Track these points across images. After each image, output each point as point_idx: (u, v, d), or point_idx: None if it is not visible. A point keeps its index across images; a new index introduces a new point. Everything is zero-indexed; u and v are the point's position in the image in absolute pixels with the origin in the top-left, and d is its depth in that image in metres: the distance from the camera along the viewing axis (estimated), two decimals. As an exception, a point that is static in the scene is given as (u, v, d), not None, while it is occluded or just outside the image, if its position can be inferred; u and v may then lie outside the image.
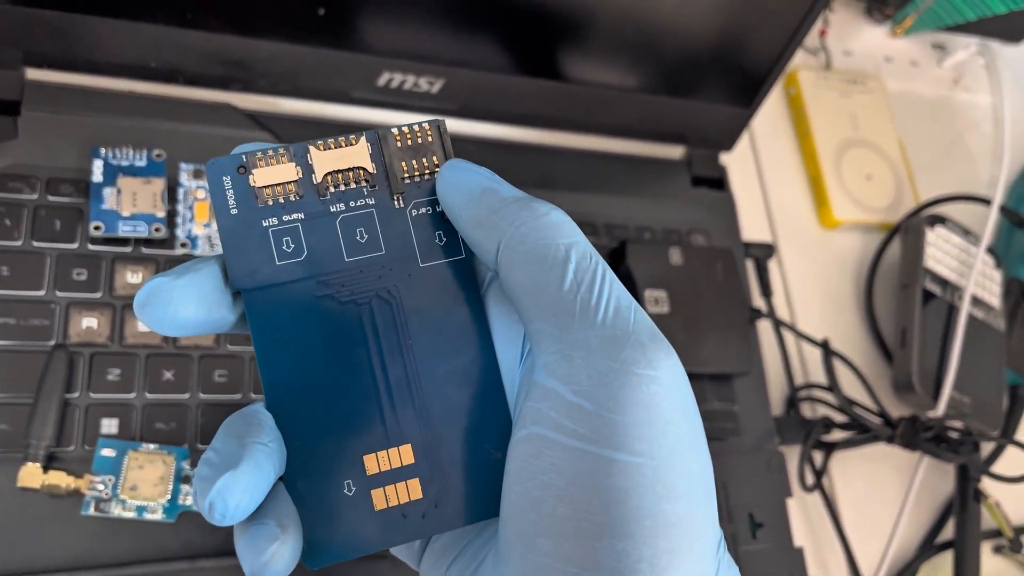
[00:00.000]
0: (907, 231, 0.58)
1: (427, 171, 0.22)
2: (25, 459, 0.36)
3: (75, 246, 0.40)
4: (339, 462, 0.21)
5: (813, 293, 0.58)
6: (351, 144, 0.22)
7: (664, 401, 0.19)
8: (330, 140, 0.22)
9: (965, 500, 0.52)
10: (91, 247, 0.40)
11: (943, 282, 0.56)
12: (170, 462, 0.38)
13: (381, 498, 0.22)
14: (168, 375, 0.40)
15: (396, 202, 0.22)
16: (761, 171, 0.60)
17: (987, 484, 0.53)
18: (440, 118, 0.23)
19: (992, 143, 0.70)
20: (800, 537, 0.49)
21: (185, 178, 0.42)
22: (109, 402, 0.38)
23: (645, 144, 0.55)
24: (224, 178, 0.21)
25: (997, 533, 0.54)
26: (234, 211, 0.21)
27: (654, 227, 0.53)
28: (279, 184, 0.22)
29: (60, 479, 0.36)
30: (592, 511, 0.19)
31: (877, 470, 0.54)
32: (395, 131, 0.22)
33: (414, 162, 0.22)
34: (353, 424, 0.22)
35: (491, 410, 0.22)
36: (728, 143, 0.56)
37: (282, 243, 0.21)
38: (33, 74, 0.42)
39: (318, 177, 0.22)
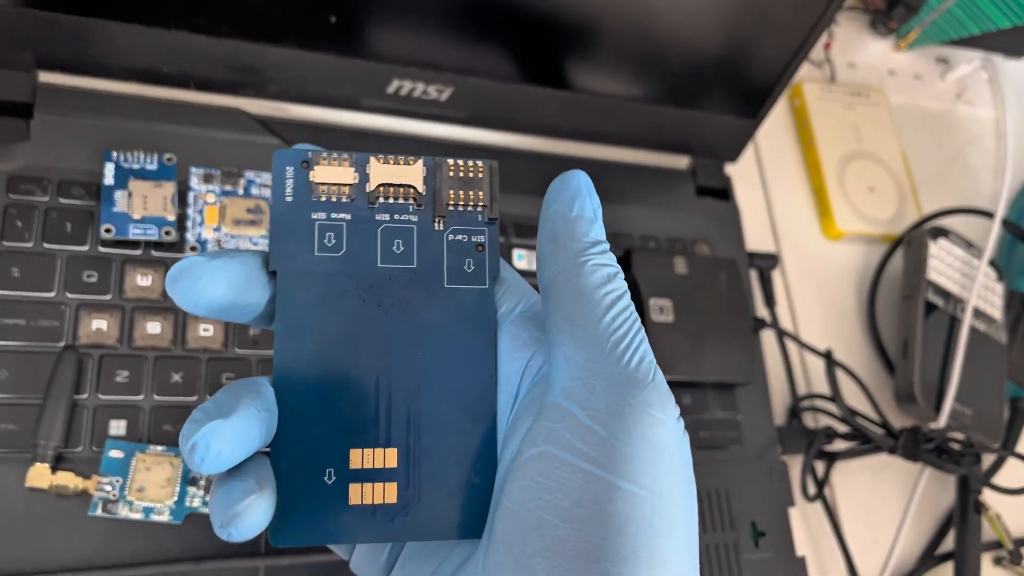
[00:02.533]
0: (910, 243, 0.58)
1: (471, 203, 0.24)
2: (34, 459, 0.36)
3: (86, 248, 0.40)
4: (326, 450, 0.22)
5: (816, 303, 0.58)
6: (408, 164, 0.24)
7: (669, 444, 0.20)
8: (390, 156, 0.24)
9: (966, 511, 0.52)
10: (101, 249, 0.41)
11: (945, 294, 0.56)
12: (177, 464, 0.38)
13: (357, 493, 0.23)
14: (176, 377, 0.40)
15: (436, 224, 0.24)
16: (765, 182, 0.61)
17: (988, 496, 0.53)
18: (494, 162, 0.24)
19: (994, 157, 0.71)
20: (802, 546, 0.49)
21: (195, 182, 0.43)
22: (117, 404, 0.39)
23: (651, 154, 0.55)
24: (288, 167, 0.23)
25: (997, 545, 0.54)
26: (289, 199, 0.23)
27: (659, 236, 0.53)
28: (335, 184, 0.23)
29: (68, 480, 0.36)
30: (593, 534, 0.19)
31: (879, 480, 0.54)
32: (450, 162, 0.24)
33: (461, 192, 0.24)
34: (348, 417, 0.23)
35: (480, 436, 0.23)
36: (733, 154, 0.56)
37: (325, 237, 0.23)
38: (46, 77, 0.42)
39: (371, 186, 0.23)
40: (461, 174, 0.24)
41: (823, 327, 0.57)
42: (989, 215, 0.61)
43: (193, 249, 0.42)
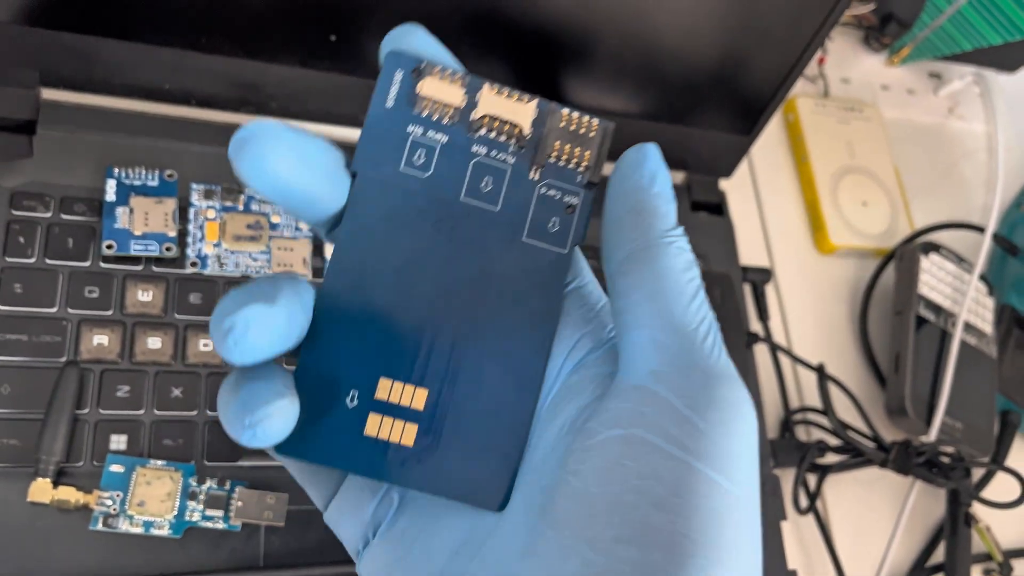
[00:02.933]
0: (902, 258, 0.59)
1: (574, 161, 0.22)
2: (35, 474, 0.37)
3: (87, 264, 0.41)
4: (356, 370, 0.21)
5: (809, 317, 0.59)
6: (521, 101, 0.22)
7: (756, 444, 0.20)
8: (505, 88, 0.22)
9: (956, 524, 0.53)
10: (103, 265, 0.41)
11: (937, 308, 0.57)
12: (177, 478, 0.39)
13: (375, 425, 0.21)
14: (177, 392, 0.40)
15: (532, 173, 0.22)
16: (759, 196, 0.61)
17: (978, 509, 0.54)
18: (611, 123, 0.23)
19: (986, 171, 0.71)
20: (793, 559, 0.50)
21: (196, 198, 0.43)
22: (118, 418, 0.39)
23: (646, 169, 0.56)
24: (397, 72, 0.22)
25: (987, 557, 0.55)
26: (389, 104, 0.22)
27: (654, 251, 0.53)
28: (441, 102, 0.22)
29: (69, 494, 0.37)
30: (691, 527, 0.18)
31: (870, 493, 0.55)
32: (565, 111, 0.22)
33: (568, 146, 0.22)
34: (387, 344, 0.21)
35: (519, 405, 0.22)
36: (727, 169, 0.57)
37: (415, 153, 0.22)
38: (49, 94, 0.43)
39: (477, 114, 0.22)
40: (573, 127, 0.22)
41: (816, 340, 0.58)
42: (980, 230, 0.62)
43: (193, 265, 0.42)
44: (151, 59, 0.42)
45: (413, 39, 0.22)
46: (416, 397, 0.22)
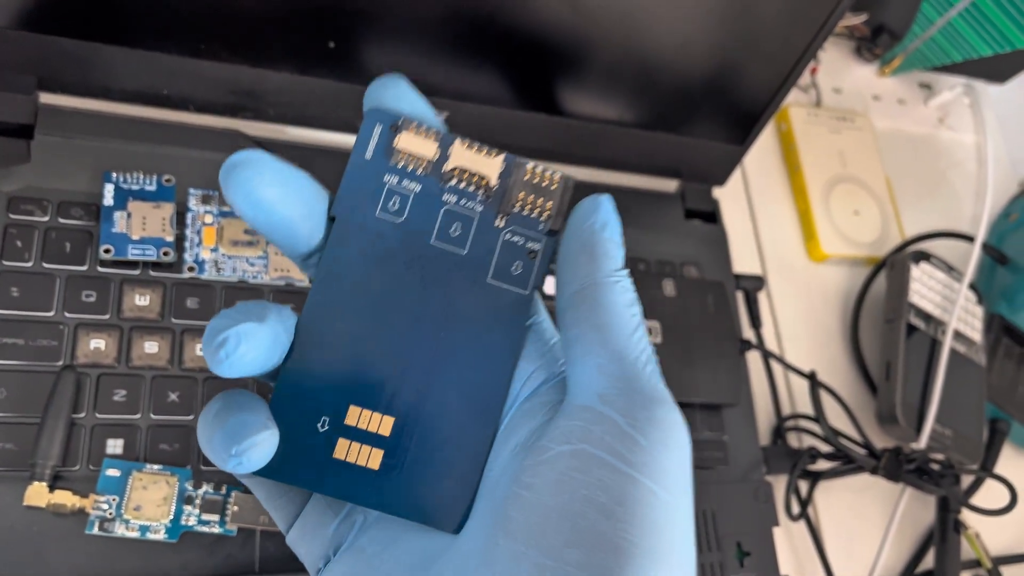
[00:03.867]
0: (892, 266, 0.59)
1: (537, 210, 0.24)
2: (32, 478, 0.37)
3: (84, 268, 0.41)
4: (328, 397, 0.23)
5: (801, 325, 0.59)
6: (490, 156, 0.24)
7: (689, 459, 0.22)
8: (475, 144, 0.24)
9: (945, 531, 0.54)
10: (100, 269, 0.41)
11: (927, 317, 0.58)
12: (173, 483, 0.39)
13: (343, 449, 0.23)
14: (173, 397, 0.40)
15: (499, 220, 0.24)
16: (752, 205, 0.62)
17: (967, 515, 0.54)
18: (572, 177, 0.25)
19: (976, 181, 0.72)
20: (785, 565, 0.50)
21: (194, 203, 0.43)
22: (115, 423, 0.39)
23: (641, 177, 0.56)
24: (376, 126, 0.24)
25: (976, 563, 0.55)
26: (368, 156, 0.24)
27: (648, 258, 0.54)
28: (415, 155, 0.24)
29: (65, 498, 0.37)
30: (633, 533, 0.20)
31: (861, 500, 0.55)
32: (529, 166, 0.24)
33: (531, 197, 0.24)
34: (358, 374, 0.23)
35: (478, 435, 0.24)
36: (721, 178, 0.57)
37: (390, 200, 0.24)
38: (47, 99, 0.43)
39: (448, 166, 0.24)
40: (536, 180, 0.24)
41: (807, 348, 0.59)
42: (970, 239, 0.63)
43: (191, 269, 0.43)
44: (149, 65, 0.42)
45: (396, 90, 0.24)
46: (383, 424, 0.23)
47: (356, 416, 0.23)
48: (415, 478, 0.23)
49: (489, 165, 0.24)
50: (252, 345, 0.20)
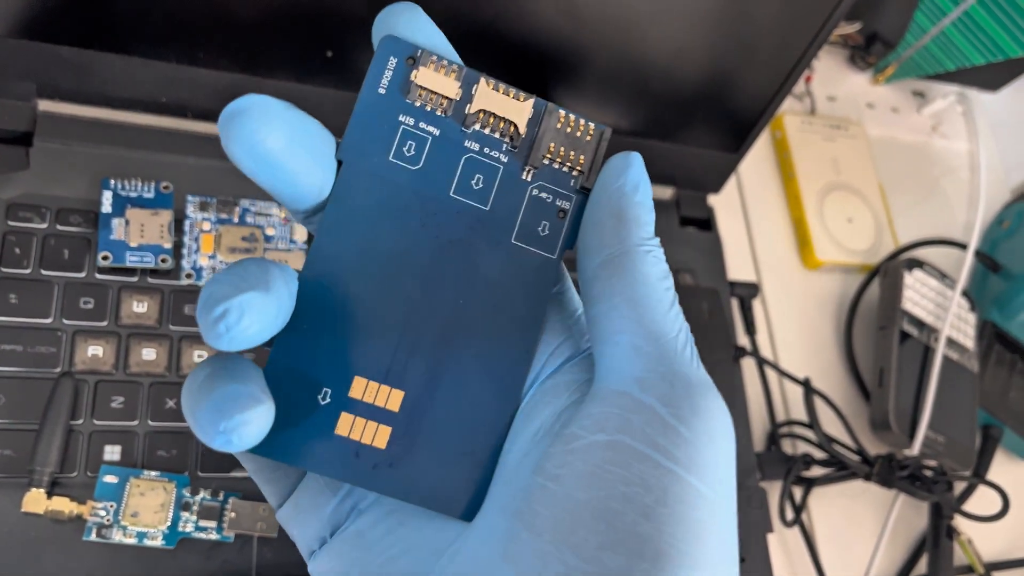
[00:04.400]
0: (886, 274, 0.60)
1: (568, 164, 0.22)
2: (30, 484, 0.37)
3: (83, 275, 0.41)
4: (331, 367, 0.20)
5: (795, 332, 0.60)
6: (518, 100, 0.22)
7: (734, 452, 0.20)
8: (502, 85, 0.22)
9: (938, 537, 0.54)
10: (98, 276, 0.41)
11: (920, 324, 0.58)
12: (171, 489, 0.39)
13: (347, 425, 0.20)
14: (171, 403, 0.41)
15: (525, 173, 0.22)
16: (747, 212, 0.62)
17: (959, 521, 0.55)
18: (608, 127, 0.22)
19: (968, 188, 0.73)
20: (779, 571, 0.50)
21: (191, 210, 0.44)
22: (112, 429, 0.39)
23: (636, 184, 0.57)
24: (391, 58, 0.21)
25: (969, 569, 0.55)
26: (381, 91, 0.21)
27: (643, 265, 0.54)
28: (435, 92, 0.21)
29: (63, 505, 0.37)
30: (678, 538, 0.18)
31: (854, 506, 0.55)
32: (562, 113, 0.22)
33: (563, 149, 0.22)
34: (365, 342, 0.21)
35: (498, 413, 0.21)
36: (716, 186, 0.58)
37: (405, 144, 0.21)
38: (46, 106, 0.43)
39: (472, 108, 0.21)
40: (569, 129, 0.22)
41: (801, 355, 0.59)
42: (963, 246, 0.63)
43: (188, 276, 0.43)
44: (148, 73, 0.43)
45: (411, 18, 0.21)
46: (392, 398, 0.21)
47: (362, 388, 0.21)
48: (425, 459, 0.21)
49: (517, 109, 0.21)
50: (256, 317, 0.18)
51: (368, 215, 0.21)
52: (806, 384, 0.54)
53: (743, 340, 0.57)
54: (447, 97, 0.21)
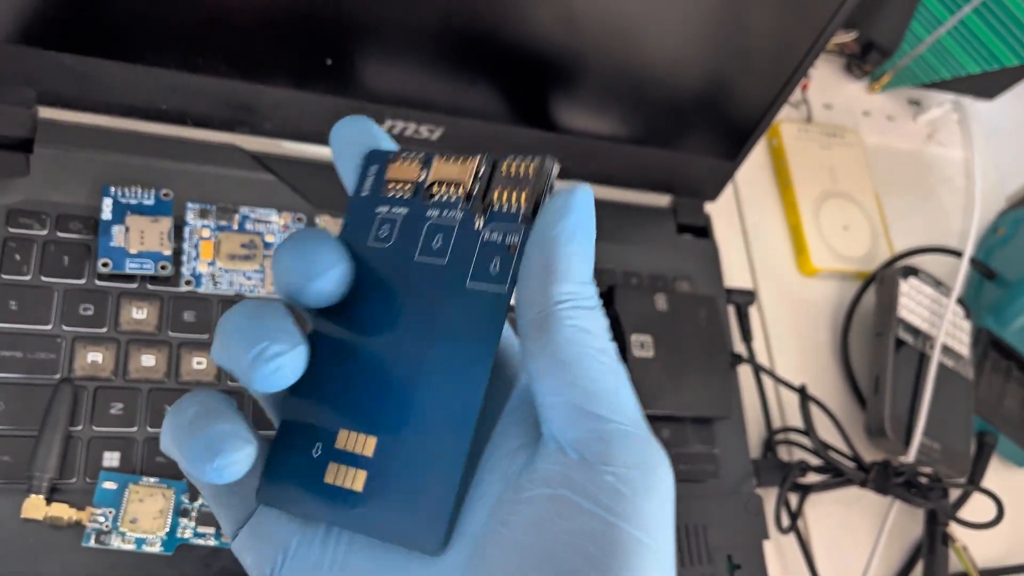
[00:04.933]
0: (882, 281, 0.60)
1: (513, 206, 0.23)
2: (29, 491, 0.37)
3: (82, 282, 0.41)
4: (323, 423, 0.24)
5: (791, 339, 0.60)
6: (463, 162, 0.24)
7: (672, 500, 0.21)
8: (452, 155, 0.24)
9: (933, 544, 0.54)
10: (98, 283, 0.41)
11: (915, 331, 0.58)
12: (169, 496, 0.39)
13: (332, 473, 0.23)
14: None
15: (477, 223, 0.23)
16: (744, 219, 0.63)
17: (955, 528, 0.55)
18: (552, 159, 0.23)
19: (964, 196, 0.73)
20: (775, 577, 0.51)
21: (191, 217, 0.44)
22: (111, 435, 0.39)
23: (634, 192, 0.57)
24: (373, 166, 0.25)
25: (964, 576, 0.56)
26: (365, 194, 0.25)
27: (641, 272, 0.55)
28: (402, 181, 0.25)
29: (62, 511, 0.37)
30: None
31: (850, 513, 0.56)
32: (506, 161, 0.23)
33: (507, 191, 0.23)
34: (349, 398, 0.24)
35: (450, 448, 0.22)
36: (713, 193, 0.58)
37: (381, 228, 0.25)
38: (46, 112, 0.43)
39: (429, 181, 0.24)
40: (513, 172, 0.23)
41: (798, 361, 0.59)
42: (958, 254, 0.64)
43: (188, 283, 0.43)
44: (148, 80, 0.43)
45: (365, 126, 0.25)
46: (367, 445, 0.23)
47: (345, 439, 0.23)
48: (394, 499, 0.22)
49: (462, 170, 0.24)
50: (297, 369, 0.22)
51: (354, 292, 0.24)
52: (802, 391, 0.54)
53: (739, 347, 0.57)
54: (411, 181, 0.25)
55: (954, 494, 0.58)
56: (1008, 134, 0.76)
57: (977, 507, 0.57)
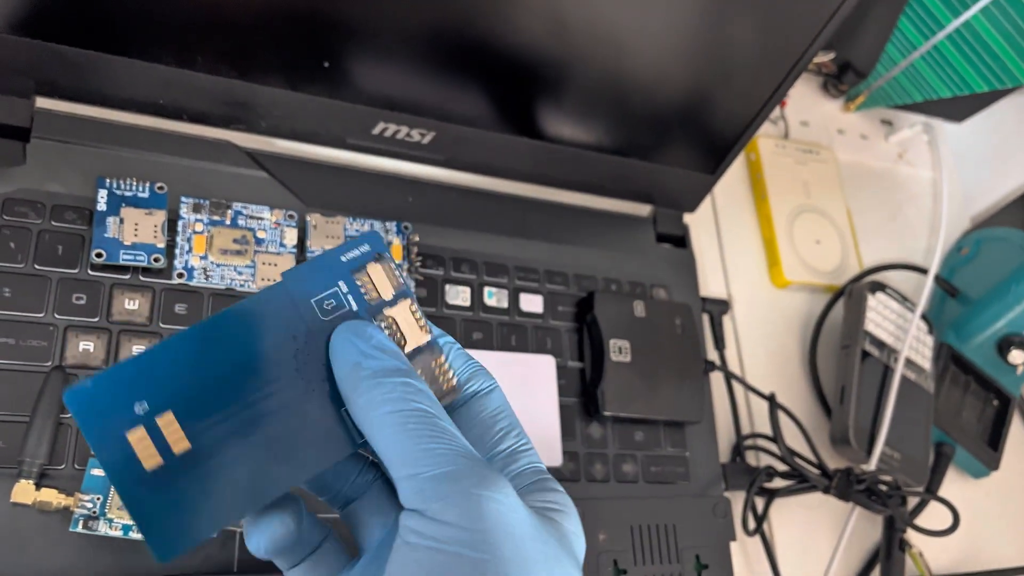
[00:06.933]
0: (850, 295, 0.62)
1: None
2: (19, 476, 0.37)
3: (76, 271, 0.42)
4: (161, 391, 0.26)
5: (762, 348, 0.62)
6: (422, 329, 0.29)
7: (507, 515, 0.25)
8: (421, 313, 0.29)
9: (891, 549, 0.57)
10: (91, 273, 0.42)
11: (881, 344, 0.61)
12: (157, 484, 0.40)
13: (135, 436, 0.25)
14: (159, 400, 0.41)
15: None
16: (720, 230, 0.64)
17: (911, 534, 0.57)
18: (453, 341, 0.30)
19: (930, 215, 0.76)
20: (740, 578, 0.53)
21: (185, 211, 0.45)
22: (101, 423, 0.40)
23: (615, 201, 0.59)
24: (364, 245, 0.29)
25: (918, 580, 0.58)
26: (343, 259, 0.28)
27: (620, 279, 0.56)
28: (374, 285, 0.28)
29: (51, 496, 0.38)
30: None
31: (813, 517, 0.58)
32: (440, 356, 0.29)
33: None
34: (195, 393, 0.26)
35: (241, 497, 0.26)
36: (692, 205, 0.60)
37: (328, 300, 0.28)
38: (43, 103, 0.44)
39: (387, 312, 0.29)
40: (437, 367, 0.29)
41: (767, 370, 0.61)
42: (923, 271, 0.66)
43: (180, 276, 0.44)
44: (147, 75, 0.43)
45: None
46: (180, 442, 0.26)
47: (167, 421, 0.25)
48: (172, 498, 0.25)
49: (417, 334, 0.28)
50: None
51: (263, 319, 0.27)
52: (771, 399, 0.56)
53: (713, 355, 0.59)
54: (379, 293, 0.28)
55: (912, 502, 0.60)
56: (975, 156, 0.79)
57: (933, 515, 0.59)
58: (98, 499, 0.38)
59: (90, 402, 0.25)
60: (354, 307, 0.27)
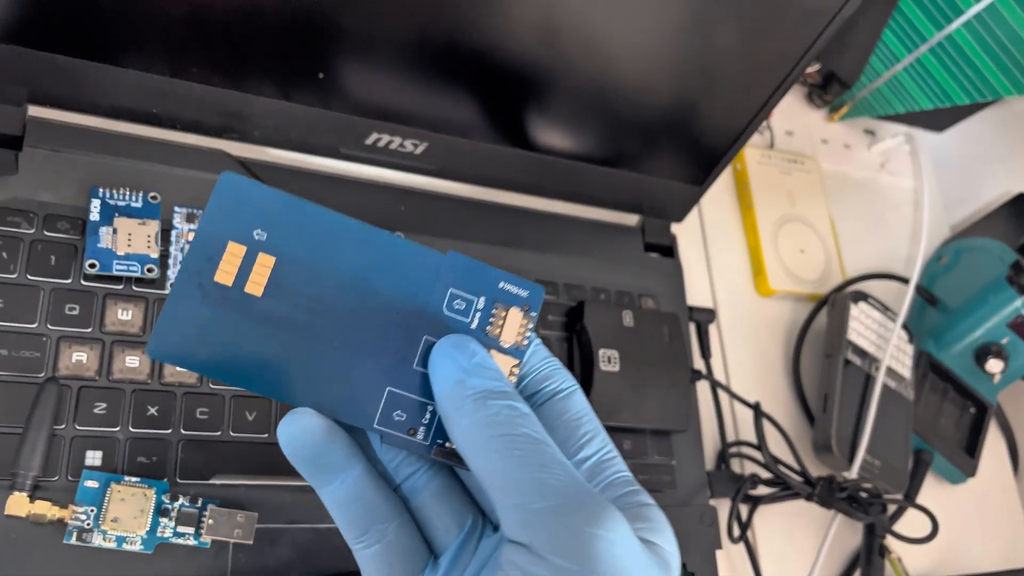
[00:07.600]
0: (833, 304, 0.63)
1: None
2: (12, 488, 0.37)
3: (69, 281, 0.42)
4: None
5: (747, 356, 0.63)
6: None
7: (622, 553, 0.23)
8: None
9: (871, 554, 0.58)
10: (84, 283, 0.42)
11: (863, 353, 0.62)
12: (150, 495, 0.40)
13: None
14: (152, 411, 0.42)
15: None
16: (706, 240, 0.65)
17: (891, 540, 0.59)
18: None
19: (912, 224, 0.77)
20: (725, 584, 0.53)
21: (178, 221, 0.45)
22: (94, 435, 0.40)
23: (605, 211, 0.59)
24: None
25: (897, 585, 0.59)
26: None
27: (609, 288, 0.57)
28: (500, 365, 0.28)
29: (45, 509, 0.38)
30: None
31: (795, 524, 0.59)
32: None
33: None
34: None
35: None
36: (679, 215, 0.60)
37: (455, 300, 0.28)
38: (36, 111, 0.44)
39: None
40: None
41: (752, 378, 0.62)
42: (905, 281, 0.67)
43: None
44: (140, 84, 0.43)
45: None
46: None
47: (265, 262, 0.25)
48: (203, 316, 0.25)
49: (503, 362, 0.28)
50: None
51: (403, 271, 0.27)
52: (756, 408, 0.57)
53: (699, 363, 0.59)
54: (500, 333, 0.28)
55: (892, 508, 0.61)
56: (955, 166, 0.81)
57: (912, 521, 0.60)
58: (92, 511, 0.39)
59: (235, 194, 0.25)
60: (473, 325, 0.27)
